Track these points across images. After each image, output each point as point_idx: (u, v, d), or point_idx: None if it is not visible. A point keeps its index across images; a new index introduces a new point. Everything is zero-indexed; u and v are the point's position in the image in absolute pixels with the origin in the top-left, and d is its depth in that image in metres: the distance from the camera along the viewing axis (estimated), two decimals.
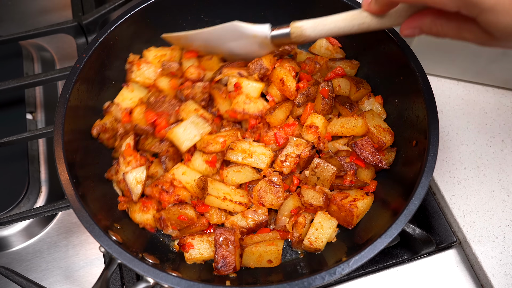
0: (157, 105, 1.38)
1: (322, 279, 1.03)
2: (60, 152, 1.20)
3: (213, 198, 1.27)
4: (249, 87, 1.39)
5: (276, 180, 1.32)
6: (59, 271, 1.42)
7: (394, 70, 1.44)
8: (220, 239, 1.21)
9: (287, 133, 1.39)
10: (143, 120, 1.39)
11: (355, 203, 1.26)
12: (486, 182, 1.46)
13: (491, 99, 1.64)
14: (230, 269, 1.20)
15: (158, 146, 1.37)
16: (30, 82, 1.61)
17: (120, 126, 1.43)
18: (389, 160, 1.37)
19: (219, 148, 1.35)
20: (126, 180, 1.31)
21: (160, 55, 1.54)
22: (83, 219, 1.10)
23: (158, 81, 1.47)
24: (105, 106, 1.46)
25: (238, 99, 1.39)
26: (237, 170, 1.33)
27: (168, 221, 1.31)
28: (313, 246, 1.25)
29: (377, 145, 1.35)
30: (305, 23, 1.23)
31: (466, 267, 1.38)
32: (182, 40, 1.52)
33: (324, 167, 1.31)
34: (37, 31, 1.75)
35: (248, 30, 1.33)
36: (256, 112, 1.40)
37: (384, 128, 1.38)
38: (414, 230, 1.25)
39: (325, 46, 1.58)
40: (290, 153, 1.34)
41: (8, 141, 1.48)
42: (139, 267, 1.04)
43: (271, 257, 1.24)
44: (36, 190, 1.54)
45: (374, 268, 1.37)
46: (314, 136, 1.38)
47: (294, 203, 1.33)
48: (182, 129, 1.33)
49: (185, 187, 1.33)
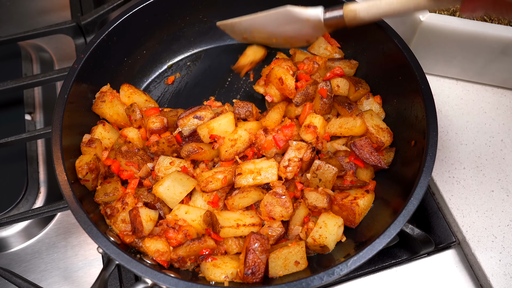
0: (128, 155, 1.33)
1: (321, 280, 1.03)
2: (58, 153, 1.20)
3: (227, 229, 1.21)
4: (222, 126, 1.34)
5: (281, 191, 1.29)
6: (58, 272, 1.41)
7: (393, 69, 1.44)
8: (255, 245, 1.16)
9: (286, 135, 1.38)
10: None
11: (356, 201, 1.26)
12: (485, 182, 1.46)
13: (490, 99, 1.63)
14: (258, 277, 1.15)
15: (146, 195, 1.29)
16: (29, 82, 1.61)
17: (101, 165, 1.33)
18: (388, 160, 1.37)
19: (220, 185, 1.29)
20: (140, 215, 1.21)
21: (132, 94, 1.49)
22: (81, 220, 1.10)
23: (127, 131, 1.41)
24: (85, 140, 1.35)
25: (222, 148, 1.34)
26: (242, 196, 1.28)
27: (187, 258, 1.21)
28: (317, 242, 1.21)
29: (376, 145, 1.34)
30: (359, 5, 1.24)
31: (465, 267, 1.38)
32: (236, 27, 1.55)
33: (325, 169, 1.30)
34: (36, 31, 1.75)
35: (301, 14, 1.35)
36: (246, 144, 1.36)
37: (383, 128, 1.37)
38: (413, 230, 1.25)
39: (324, 46, 1.58)
40: (292, 158, 1.33)
41: (6, 141, 1.48)
42: (137, 268, 1.04)
43: (297, 257, 1.19)
44: (34, 191, 1.54)
45: (373, 268, 1.37)
46: (312, 136, 1.37)
47: (305, 211, 1.30)
48: (165, 189, 1.24)
49: (191, 225, 1.25)
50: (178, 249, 1.20)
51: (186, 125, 1.36)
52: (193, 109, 1.38)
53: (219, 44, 1.76)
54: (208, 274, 1.18)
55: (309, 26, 1.38)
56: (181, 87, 1.68)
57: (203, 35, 1.73)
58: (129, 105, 1.43)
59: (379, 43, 1.46)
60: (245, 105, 1.43)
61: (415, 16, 1.50)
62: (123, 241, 1.21)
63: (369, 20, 1.25)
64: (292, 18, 1.38)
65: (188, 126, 1.36)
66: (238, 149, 1.35)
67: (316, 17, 1.32)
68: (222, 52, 1.75)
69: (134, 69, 1.64)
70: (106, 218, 1.25)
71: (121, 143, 1.40)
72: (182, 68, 1.72)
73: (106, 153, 1.36)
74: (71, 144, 1.31)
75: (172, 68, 1.72)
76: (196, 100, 1.64)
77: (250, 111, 1.43)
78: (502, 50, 1.48)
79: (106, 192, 1.28)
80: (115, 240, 1.16)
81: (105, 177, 1.34)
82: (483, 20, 1.58)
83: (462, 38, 1.49)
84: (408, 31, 1.56)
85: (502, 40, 1.45)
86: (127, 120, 1.45)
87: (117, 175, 1.34)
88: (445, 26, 1.47)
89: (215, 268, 1.18)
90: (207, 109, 1.38)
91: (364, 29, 1.50)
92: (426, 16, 1.48)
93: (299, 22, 1.39)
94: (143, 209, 1.23)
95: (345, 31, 1.36)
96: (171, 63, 1.73)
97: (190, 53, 1.75)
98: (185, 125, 1.36)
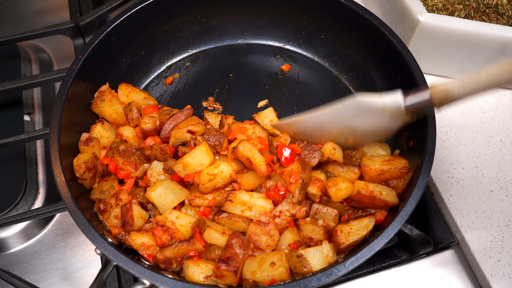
0: (125, 154, 1.32)
1: (318, 281, 1.02)
2: (56, 154, 1.20)
3: (212, 232, 1.18)
4: (196, 159, 1.24)
5: (265, 219, 1.21)
6: (57, 273, 1.41)
7: (391, 69, 1.44)
8: (234, 240, 1.15)
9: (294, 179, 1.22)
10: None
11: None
12: (485, 182, 1.46)
13: (489, 99, 1.63)
14: (232, 269, 1.10)
15: (142, 196, 1.28)
16: (28, 83, 1.61)
17: (99, 163, 1.32)
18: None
19: (206, 204, 1.26)
20: (133, 210, 1.21)
21: (131, 93, 1.48)
22: (79, 221, 1.10)
23: (122, 129, 1.41)
24: (83, 138, 1.35)
25: (200, 181, 1.24)
26: (230, 223, 1.23)
27: (174, 259, 1.18)
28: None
29: (383, 204, 1.22)
30: (451, 84, 1.01)
31: (464, 267, 1.38)
32: (294, 126, 1.32)
33: (324, 212, 1.22)
34: (35, 32, 1.75)
35: (376, 104, 1.11)
36: (227, 181, 1.26)
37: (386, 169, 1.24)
38: (412, 230, 1.25)
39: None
40: (284, 211, 1.24)
41: (5, 142, 1.48)
42: (135, 269, 1.04)
43: (274, 258, 1.13)
44: (33, 191, 1.54)
45: (372, 269, 1.37)
46: (318, 189, 1.24)
47: (292, 237, 1.20)
48: (157, 195, 1.23)
49: (178, 229, 1.23)
50: (165, 250, 1.17)
51: (178, 137, 1.32)
52: (187, 120, 1.35)
53: (218, 44, 1.76)
54: (187, 272, 1.14)
55: (386, 115, 1.13)
56: (180, 87, 1.68)
57: (202, 35, 1.73)
58: (127, 104, 1.43)
59: (379, 42, 1.46)
60: (216, 134, 1.31)
61: (413, 16, 1.50)
62: (111, 233, 1.20)
63: (466, 96, 1.02)
64: (365, 109, 1.13)
65: (179, 139, 1.32)
66: (217, 184, 1.25)
67: (396, 104, 1.08)
68: (221, 53, 1.75)
69: (133, 69, 1.64)
70: (99, 214, 1.25)
71: (118, 142, 1.40)
72: (181, 69, 1.72)
73: (104, 152, 1.36)
74: (69, 143, 1.31)
75: (171, 68, 1.72)
76: (195, 100, 1.63)
77: (220, 142, 1.30)
78: (501, 50, 1.48)
79: (102, 190, 1.27)
80: (112, 241, 1.16)
81: (103, 175, 1.34)
82: (482, 20, 1.58)
83: (461, 38, 1.49)
84: (406, 31, 1.56)
85: (501, 40, 1.45)
86: (126, 119, 1.45)
87: (114, 174, 1.34)
88: (444, 26, 1.47)
89: (195, 266, 1.14)
90: (201, 125, 1.34)
91: (361, 29, 1.50)
92: (425, 16, 1.48)
93: (373, 113, 1.14)
94: (136, 205, 1.23)
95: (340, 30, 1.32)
96: (170, 64, 1.73)
97: (188, 54, 1.74)
98: (177, 137, 1.32)
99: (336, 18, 1.57)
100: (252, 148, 1.25)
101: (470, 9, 1.60)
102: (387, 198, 1.20)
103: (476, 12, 1.60)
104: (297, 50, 1.74)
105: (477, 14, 1.60)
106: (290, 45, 1.74)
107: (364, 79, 1.57)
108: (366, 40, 1.52)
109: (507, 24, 1.57)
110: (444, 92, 1.02)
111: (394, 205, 1.21)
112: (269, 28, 1.73)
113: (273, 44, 1.76)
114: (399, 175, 1.23)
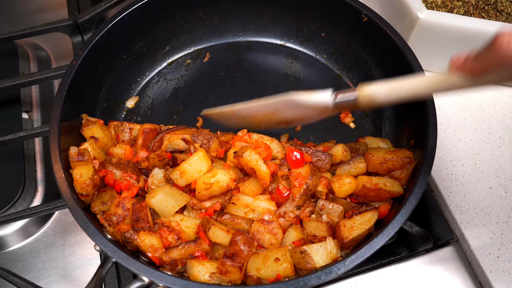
0: (121, 166, 1.29)
1: (318, 279, 1.02)
2: (55, 150, 1.20)
3: (217, 230, 1.18)
4: (194, 165, 1.23)
5: (268, 218, 1.22)
6: (56, 271, 1.41)
7: (392, 67, 1.44)
8: (238, 237, 1.15)
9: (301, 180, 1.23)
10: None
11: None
12: (484, 179, 1.46)
13: (489, 96, 1.63)
14: (237, 265, 1.10)
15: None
16: (26, 81, 1.60)
17: (96, 176, 1.26)
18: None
19: (209, 206, 1.26)
20: (147, 208, 1.21)
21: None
22: (78, 218, 1.10)
23: (112, 148, 1.37)
24: (73, 154, 1.25)
25: (196, 188, 1.24)
26: (234, 224, 1.23)
27: (180, 261, 1.17)
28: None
29: (389, 196, 1.24)
30: (376, 88, 1.06)
31: (464, 264, 1.38)
32: (225, 115, 1.36)
33: (330, 208, 1.23)
34: (33, 29, 1.74)
35: (307, 101, 1.17)
36: (223, 189, 1.25)
37: (389, 158, 1.26)
38: (411, 227, 1.25)
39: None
40: (288, 212, 1.24)
41: (3, 140, 1.48)
42: (134, 265, 1.04)
43: (278, 254, 1.12)
44: (32, 189, 1.53)
45: (371, 266, 1.37)
46: (324, 187, 1.26)
47: (296, 235, 1.20)
48: (157, 202, 1.22)
49: (184, 230, 1.21)
50: (171, 252, 1.16)
51: (171, 141, 1.30)
52: (185, 129, 1.35)
53: (219, 41, 1.76)
54: (192, 272, 1.13)
55: (315, 110, 1.21)
56: (180, 84, 1.67)
57: (203, 32, 1.73)
58: (120, 123, 1.42)
59: (379, 41, 1.46)
60: (206, 134, 1.30)
61: (413, 13, 1.50)
62: (119, 230, 1.17)
63: (388, 103, 1.08)
64: (296, 105, 1.21)
65: (172, 143, 1.31)
66: (213, 193, 1.25)
67: (325, 103, 1.15)
68: (222, 50, 1.75)
69: (134, 66, 1.63)
70: (109, 227, 1.19)
71: (108, 158, 1.36)
72: (182, 66, 1.71)
73: (97, 162, 1.30)
74: (69, 141, 1.30)
75: (172, 65, 1.71)
76: (195, 98, 1.63)
77: (209, 141, 1.29)
78: None
79: (103, 201, 1.22)
80: (112, 238, 1.15)
81: (98, 188, 1.28)
82: (481, 17, 1.58)
83: (460, 35, 1.49)
84: (406, 28, 1.56)
85: None
86: (116, 140, 1.42)
87: (112, 186, 1.29)
88: (443, 23, 1.47)
89: (200, 265, 1.14)
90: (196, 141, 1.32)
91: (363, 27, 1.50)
92: (424, 13, 1.48)
93: (304, 108, 1.21)
94: (147, 207, 1.21)
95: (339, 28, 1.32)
96: (171, 61, 1.72)
97: (190, 51, 1.74)
98: (171, 141, 1.30)
99: (337, 16, 1.57)
100: (259, 158, 1.23)
101: (469, 6, 1.60)
102: (392, 188, 1.22)
103: (475, 9, 1.60)
104: (298, 48, 1.74)
105: (476, 11, 1.60)
106: (291, 43, 1.74)
107: (365, 77, 1.57)
108: (367, 38, 1.52)
109: (506, 21, 1.57)
110: (369, 97, 1.07)
111: (399, 195, 1.22)
112: (271, 26, 1.73)
113: (274, 42, 1.76)
114: (402, 164, 1.24)
